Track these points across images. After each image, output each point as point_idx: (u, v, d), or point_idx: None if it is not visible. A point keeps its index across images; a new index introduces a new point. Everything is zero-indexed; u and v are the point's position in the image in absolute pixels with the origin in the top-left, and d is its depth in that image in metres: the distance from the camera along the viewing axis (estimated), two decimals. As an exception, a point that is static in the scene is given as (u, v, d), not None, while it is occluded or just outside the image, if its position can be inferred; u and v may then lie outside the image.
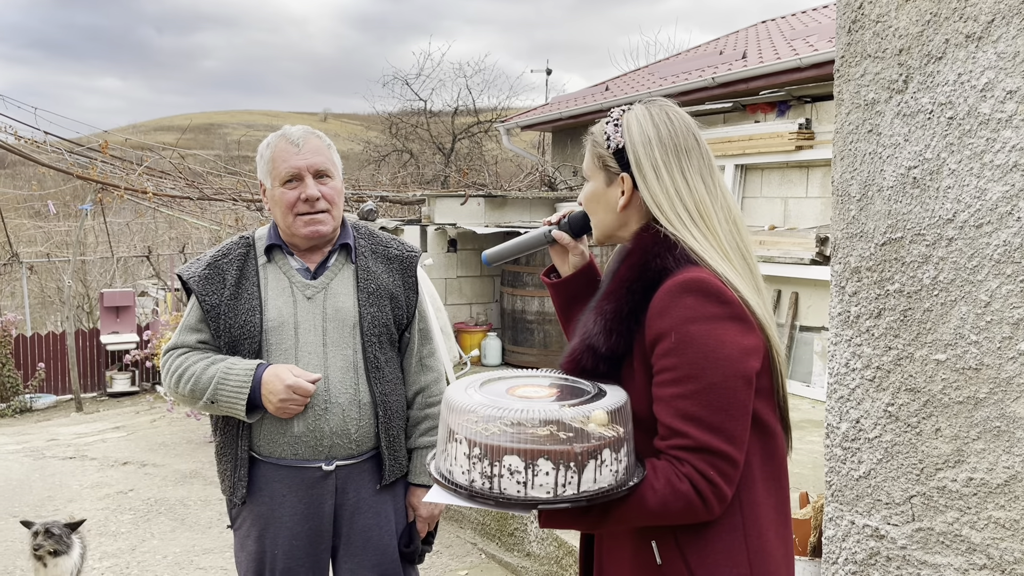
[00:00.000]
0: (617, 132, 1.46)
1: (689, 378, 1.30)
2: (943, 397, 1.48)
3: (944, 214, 1.46)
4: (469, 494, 1.26)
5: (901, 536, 1.58)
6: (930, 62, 1.47)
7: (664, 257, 1.38)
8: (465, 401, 1.29)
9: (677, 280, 1.34)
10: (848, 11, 1.60)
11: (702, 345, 1.30)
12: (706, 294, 1.32)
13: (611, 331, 1.38)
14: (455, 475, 1.28)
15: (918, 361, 1.52)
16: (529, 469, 1.21)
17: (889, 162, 1.55)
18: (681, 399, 1.30)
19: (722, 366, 1.29)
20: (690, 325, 1.30)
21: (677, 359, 1.30)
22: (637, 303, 1.37)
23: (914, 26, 1.49)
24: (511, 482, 1.22)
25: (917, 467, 1.54)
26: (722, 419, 1.29)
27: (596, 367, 1.39)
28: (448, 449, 1.30)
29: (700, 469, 1.28)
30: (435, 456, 1.38)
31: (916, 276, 1.52)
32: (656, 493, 1.28)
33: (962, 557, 1.48)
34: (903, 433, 1.56)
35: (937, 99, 1.47)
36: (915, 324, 1.52)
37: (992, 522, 1.44)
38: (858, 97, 1.60)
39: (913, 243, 1.51)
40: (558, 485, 1.22)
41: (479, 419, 1.25)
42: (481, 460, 1.23)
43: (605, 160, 1.48)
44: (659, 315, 1.33)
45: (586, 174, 1.53)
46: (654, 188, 1.42)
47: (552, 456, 1.21)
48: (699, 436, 1.29)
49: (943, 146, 1.46)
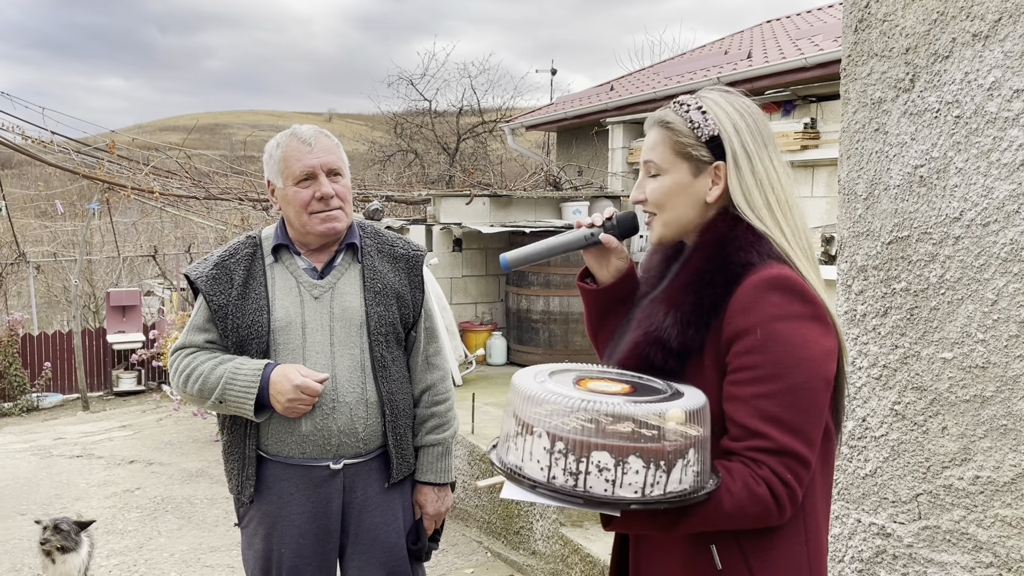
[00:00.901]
0: (706, 119, 1.37)
1: (773, 377, 1.25)
2: (950, 395, 1.49)
3: (951, 213, 1.46)
4: (548, 491, 1.17)
5: (907, 534, 1.58)
6: (937, 61, 1.47)
7: (748, 251, 1.32)
8: (540, 391, 1.20)
9: (763, 276, 1.29)
10: (855, 10, 1.60)
11: (787, 344, 1.26)
12: (792, 292, 1.28)
13: (688, 324, 1.31)
14: (528, 470, 1.19)
15: (925, 359, 1.53)
16: (619, 467, 1.14)
17: (896, 161, 1.55)
18: (763, 399, 1.25)
19: (806, 367, 1.26)
20: (776, 323, 1.26)
21: (761, 357, 1.26)
22: (718, 296, 1.30)
23: (921, 25, 1.49)
24: (599, 480, 1.15)
25: (923, 465, 1.54)
26: (802, 421, 1.25)
27: (664, 363, 1.32)
28: (519, 443, 1.21)
29: (778, 472, 1.24)
30: (496, 447, 1.29)
31: (923, 275, 1.52)
32: (733, 496, 1.23)
33: (968, 555, 1.48)
34: (909, 431, 1.57)
35: (944, 98, 1.47)
36: (922, 322, 1.52)
37: (999, 520, 1.44)
38: (865, 96, 1.60)
39: (920, 242, 1.52)
40: (646, 485, 1.15)
41: (557, 411, 1.17)
42: (565, 456, 1.16)
43: (692, 150, 1.37)
44: (743, 311, 1.28)
45: (660, 167, 1.41)
46: (747, 178, 1.36)
47: (644, 454, 1.14)
48: (780, 438, 1.24)
49: (950, 145, 1.46)
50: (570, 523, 3.83)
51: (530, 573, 3.98)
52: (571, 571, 3.70)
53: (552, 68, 19.98)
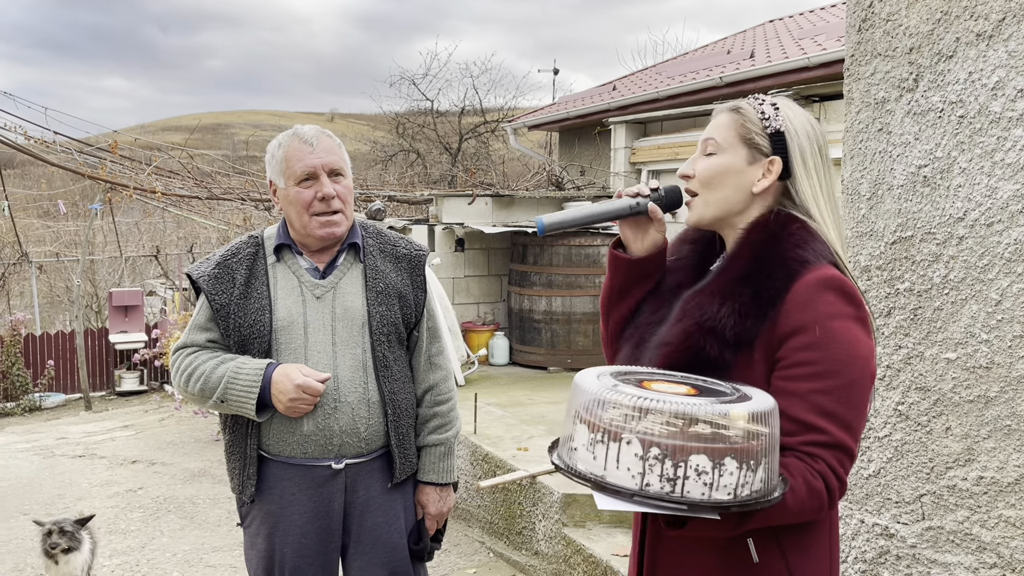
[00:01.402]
0: (777, 115, 1.41)
1: (830, 373, 1.29)
2: (953, 396, 1.48)
3: (955, 213, 1.46)
4: (646, 499, 1.15)
5: (911, 535, 1.58)
6: (940, 61, 1.47)
7: (804, 248, 1.35)
8: (620, 399, 1.18)
9: (819, 275, 1.32)
10: (858, 10, 1.60)
11: (843, 343, 1.30)
12: (845, 293, 1.32)
13: (746, 315, 1.33)
14: (613, 478, 1.17)
15: (928, 360, 1.52)
16: (716, 469, 1.14)
17: (899, 161, 1.55)
18: (820, 394, 1.28)
19: (859, 364, 1.30)
20: (832, 321, 1.30)
21: (820, 354, 1.29)
22: (777, 290, 1.33)
23: (924, 25, 1.48)
24: (697, 484, 1.13)
25: (927, 466, 1.54)
26: (854, 416, 1.30)
27: (720, 354, 1.34)
28: (599, 450, 1.19)
29: (832, 466, 1.27)
30: (564, 453, 1.27)
31: (926, 275, 1.51)
32: (795, 493, 1.25)
33: (972, 556, 1.48)
34: (913, 432, 1.56)
35: (948, 98, 1.46)
36: (925, 323, 1.52)
37: (1002, 521, 1.43)
38: (868, 96, 1.59)
39: (923, 242, 1.51)
40: (738, 486, 1.15)
41: (638, 414, 1.16)
42: (662, 462, 1.14)
43: (755, 138, 1.41)
44: (801, 307, 1.31)
45: (720, 146, 1.44)
46: (812, 180, 1.41)
47: (738, 454, 1.14)
48: (836, 433, 1.28)
49: (953, 144, 1.46)
50: (572, 523, 3.82)
51: (532, 573, 3.98)
52: (573, 572, 3.70)
53: (554, 68, 19.98)
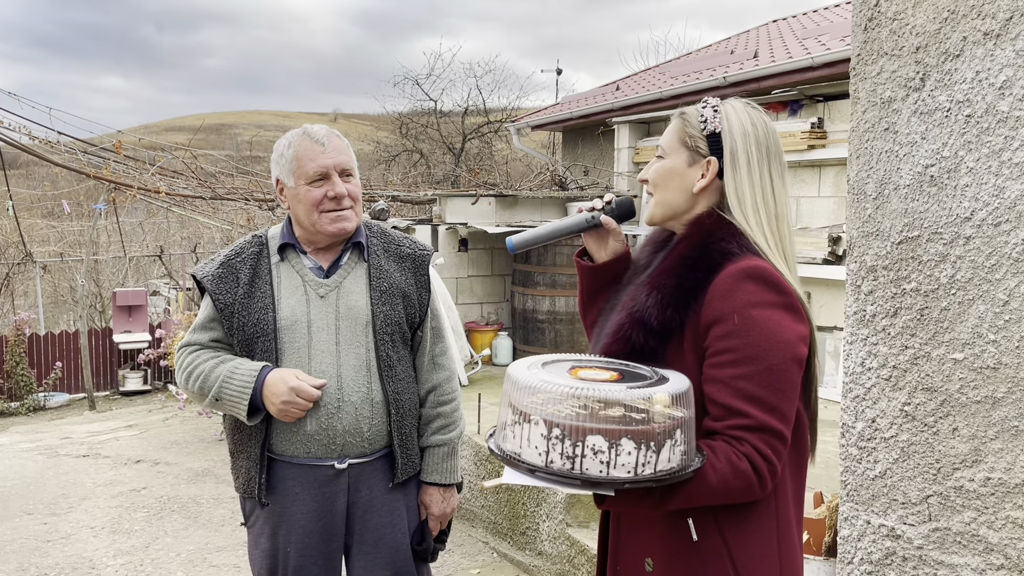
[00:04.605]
0: (716, 117, 1.49)
1: (750, 359, 1.34)
2: (960, 396, 1.48)
3: (962, 212, 1.45)
4: (547, 474, 1.24)
5: (917, 536, 1.57)
6: (947, 60, 1.46)
7: (729, 242, 1.42)
8: (534, 381, 1.27)
9: (740, 266, 1.38)
10: (864, 8, 1.59)
11: (763, 328, 1.35)
12: (767, 282, 1.38)
13: (667, 305, 1.40)
14: (527, 456, 1.26)
15: (935, 360, 1.52)
16: (612, 449, 1.21)
17: (906, 160, 1.54)
18: (742, 379, 1.34)
19: (781, 349, 1.35)
20: (752, 309, 1.35)
21: (739, 341, 1.35)
22: (698, 280, 1.39)
23: (931, 23, 1.48)
24: (594, 462, 1.22)
25: (934, 467, 1.53)
26: (779, 399, 1.35)
27: (646, 342, 1.40)
28: (516, 430, 1.28)
29: (758, 448, 1.32)
30: (493, 436, 1.36)
31: (933, 275, 1.51)
32: (717, 472, 1.31)
33: (979, 557, 1.47)
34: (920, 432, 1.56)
35: (955, 97, 1.46)
36: (932, 323, 1.52)
37: (1010, 522, 1.43)
38: (874, 95, 1.59)
39: (930, 242, 1.51)
40: (638, 465, 1.22)
41: (551, 399, 1.24)
42: (562, 441, 1.23)
43: (695, 141, 1.49)
44: (721, 297, 1.37)
45: (665, 151, 1.53)
46: (742, 180, 1.46)
47: (635, 436, 1.21)
48: (759, 416, 1.33)
49: (960, 144, 1.45)
50: (577, 524, 3.82)
51: (536, 574, 3.98)
52: (577, 572, 3.70)
53: (558, 68, 19.99)
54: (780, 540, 1.44)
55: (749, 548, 1.40)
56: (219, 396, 2.01)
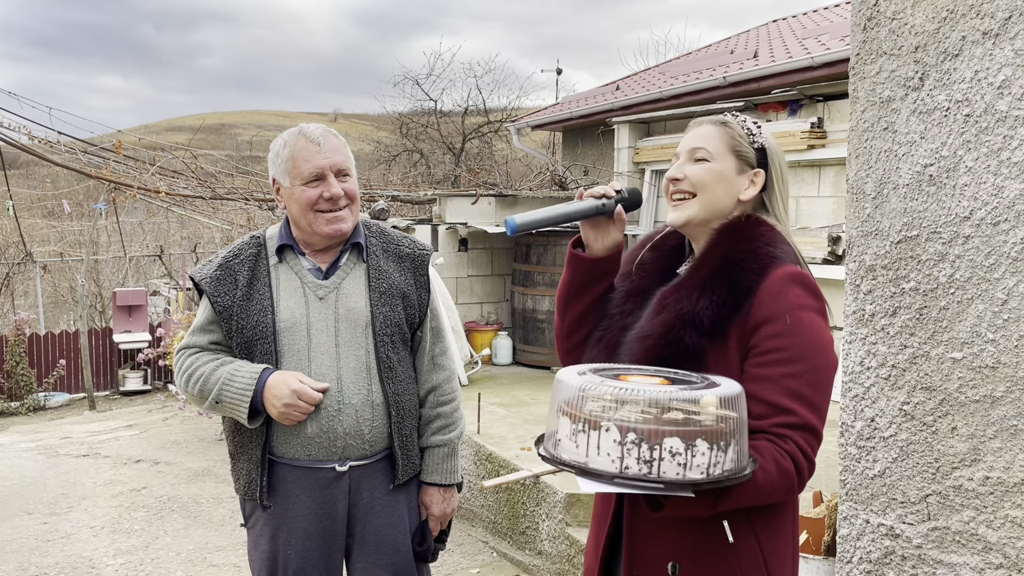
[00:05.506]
0: (760, 132, 1.58)
1: (799, 359, 1.39)
2: (959, 396, 1.48)
3: (961, 212, 1.45)
4: (625, 480, 1.24)
5: (916, 535, 1.57)
6: (946, 59, 1.46)
7: (775, 246, 1.50)
8: (603, 389, 1.27)
9: (788, 270, 1.46)
10: (864, 8, 1.60)
11: (810, 330, 1.41)
12: (809, 287, 1.47)
13: (723, 304, 1.44)
14: (597, 464, 1.26)
15: (934, 359, 1.52)
16: (688, 451, 1.23)
17: (905, 160, 1.54)
18: (790, 378, 1.38)
19: (825, 351, 1.42)
20: (800, 312, 1.42)
21: (790, 340, 1.40)
22: (753, 281, 1.45)
23: (930, 23, 1.48)
24: (671, 464, 1.23)
25: (933, 466, 1.53)
26: (821, 399, 1.41)
27: (697, 343, 1.43)
28: (581, 439, 1.27)
29: (801, 446, 1.36)
30: (550, 445, 1.34)
31: (932, 274, 1.51)
32: (766, 473, 1.33)
33: (978, 556, 1.47)
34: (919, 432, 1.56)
35: (954, 96, 1.46)
36: (931, 322, 1.52)
37: (1009, 521, 1.43)
38: (873, 95, 1.59)
39: (929, 241, 1.51)
40: (711, 465, 1.24)
41: (615, 405, 1.25)
42: (638, 445, 1.23)
43: (744, 151, 1.56)
44: (772, 298, 1.43)
45: (712, 155, 1.56)
46: (783, 193, 1.59)
47: (708, 436, 1.23)
48: (805, 414, 1.38)
49: (960, 143, 1.45)
50: (576, 523, 3.82)
51: (536, 573, 3.98)
52: (577, 571, 3.70)
53: (558, 68, 19.98)
54: (794, 541, 1.49)
55: (777, 547, 1.44)
56: (219, 399, 2.01)
